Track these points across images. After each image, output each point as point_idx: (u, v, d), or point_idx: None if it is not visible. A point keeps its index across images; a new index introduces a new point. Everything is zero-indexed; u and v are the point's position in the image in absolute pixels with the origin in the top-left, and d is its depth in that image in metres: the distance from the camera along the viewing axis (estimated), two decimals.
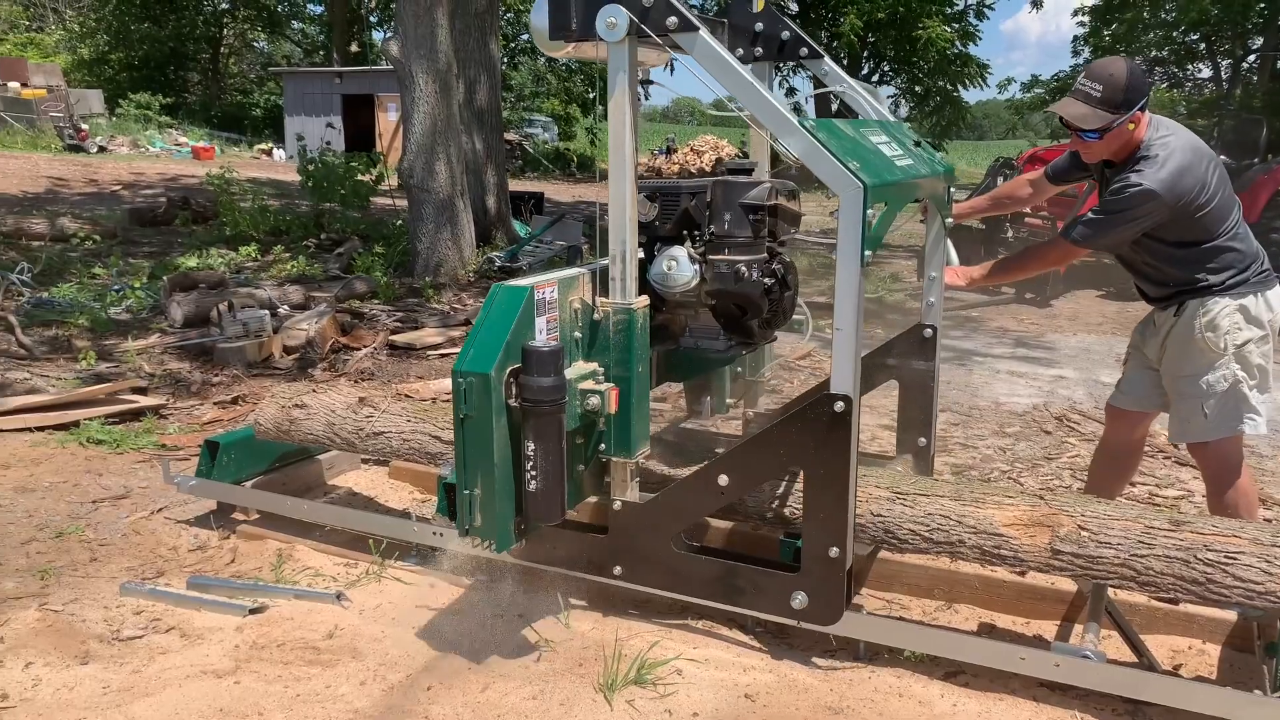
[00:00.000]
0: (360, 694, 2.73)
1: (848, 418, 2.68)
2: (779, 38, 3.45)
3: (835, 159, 2.57)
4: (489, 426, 2.64)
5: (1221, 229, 3.12)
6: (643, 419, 3.01)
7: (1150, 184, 2.99)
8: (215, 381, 6.01)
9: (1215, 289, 3.14)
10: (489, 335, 2.70)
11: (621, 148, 2.79)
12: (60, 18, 37.35)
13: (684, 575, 3.00)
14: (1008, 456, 5.06)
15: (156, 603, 3.26)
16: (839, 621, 2.84)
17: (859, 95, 3.46)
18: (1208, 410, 3.20)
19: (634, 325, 2.90)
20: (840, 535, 2.76)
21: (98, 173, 18.77)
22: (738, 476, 2.89)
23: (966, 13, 24.63)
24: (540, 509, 2.75)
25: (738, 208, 3.01)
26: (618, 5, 2.69)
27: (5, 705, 2.64)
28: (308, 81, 28.18)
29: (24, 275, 8.30)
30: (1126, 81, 3.04)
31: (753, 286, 3.01)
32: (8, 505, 4.02)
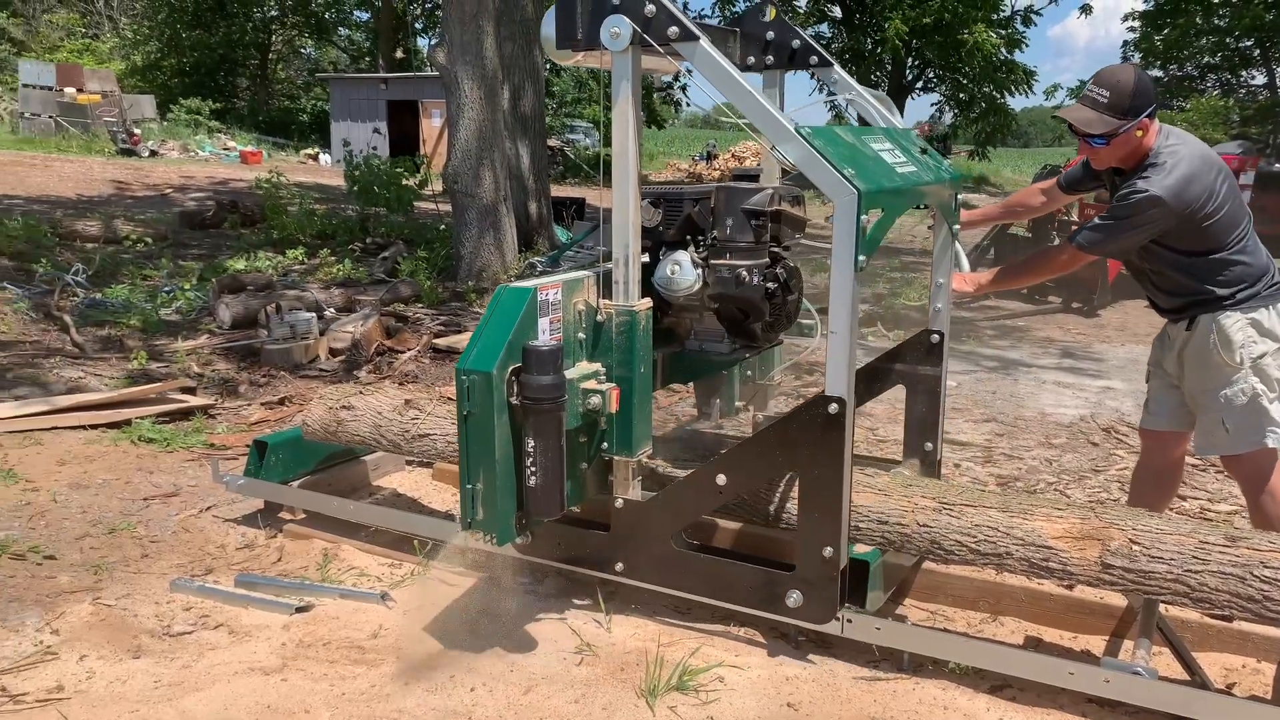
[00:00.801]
0: (405, 694, 2.76)
1: (842, 419, 2.73)
2: (789, 46, 3.51)
3: (830, 165, 2.62)
4: (491, 423, 2.71)
5: (1231, 239, 3.11)
6: (644, 419, 3.05)
7: (1157, 190, 3.00)
8: (262, 382, 6.10)
9: (1226, 303, 3.14)
10: (492, 335, 2.77)
11: (625, 154, 2.86)
12: (115, 25, 38.19)
13: (683, 572, 3.06)
14: (1054, 468, 4.99)
15: (205, 599, 3.32)
16: (832, 621, 2.88)
17: (869, 103, 3.51)
18: (1229, 424, 3.19)
19: (636, 327, 2.95)
20: (835, 535, 2.80)
21: (149, 176, 19.15)
22: (735, 476, 2.94)
23: (1013, 18, 24.39)
24: (540, 504, 2.82)
25: (739, 213, 3.06)
26: (621, 15, 2.76)
27: (61, 696, 2.70)
28: (354, 87, 28.54)
29: (79, 276, 8.48)
30: (1133, 88, 3.05)
31: (754, 290, 3.06)
32: (63, 501, 4.11)
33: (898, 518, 2.97)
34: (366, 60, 38.62)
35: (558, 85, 34.02)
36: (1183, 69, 28.26)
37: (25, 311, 7.28)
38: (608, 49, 2.80)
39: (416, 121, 26.47)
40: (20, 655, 2.90)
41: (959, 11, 22.15)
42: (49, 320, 7.18)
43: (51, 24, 37.25)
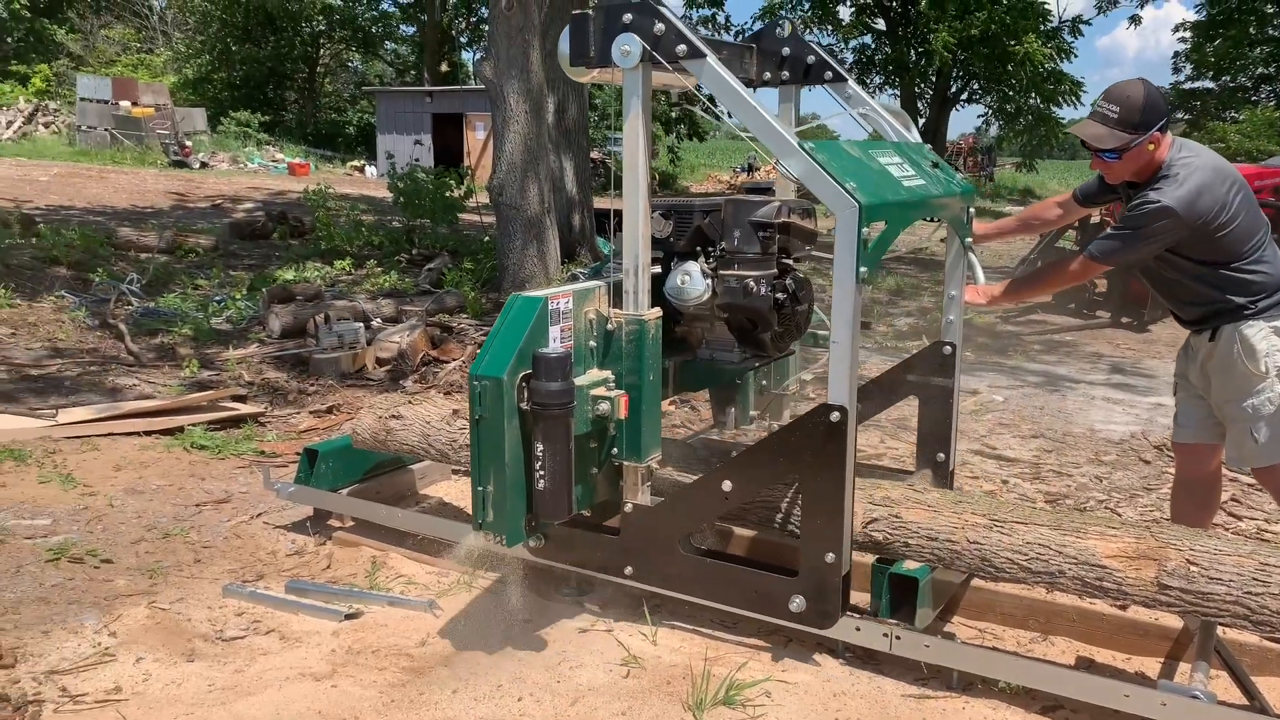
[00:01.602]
0: (452, 702, 2.78)
1: (844, 427, 2.77)
2: (805, 61, 3.59)
3: (832, 179, 2.67)
4: (501, 428, 2.78)
5: (1247, 249, 3.14)
6: (653, 425, 3.10)
7: (1168, 201, 3.03)
8: (311, 391, 6.19)
9: (1247, 312, 3.16)
10: (503, 342, 2.84)
11: (635, 166, 2.93)
12: (169, 40, 39.05)
13: (691, 576, 3.10)
14: (1104, 486, 4.91)
15: (257, 605, 3.37)
16: (834, 625, 2.91)
17: (883, 118, 3.56)
18: (1258, 435, 3.20)
19: (645, 335, 3.01)
20: (837, 541, 2.84)
21: (200, 187, 19.54)
22: (740, 483, 3.00)
23: (1061, 29, 24.14)
24: (548, 507, 2.87)
25: (747, 225, 3.13)
26: (631, 34, 2.84)
27: (119, 697, 2.75)
28: (399, 100, 28.92)
29: (133, 285, 8.67)
30: (1143, 103, 3.10)
31: (761, 301, 3.11)
32: (119, 506, 4.20)
33: (947, 534, 2.94)
34: (412, 74, 39.13)
35: (600, 98, 34.21)
36: (1235, 80, 27.78)
37: (83, 320, 7.46)
38: (619, 66, 2.88)
39: (460, 134, 26.75)
40: (79, 656, 2.96)
41: (1006, 23, 21.95)
42: (105, 328, 7.35)
43: (108, 39, 38.20)
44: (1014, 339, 8.83)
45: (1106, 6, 25.05)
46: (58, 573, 3.53)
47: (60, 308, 7.72)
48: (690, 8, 27.67)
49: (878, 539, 3.03)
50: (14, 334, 6.89)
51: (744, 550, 3.56)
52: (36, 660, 2.93)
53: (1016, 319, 9.90)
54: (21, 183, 17.17)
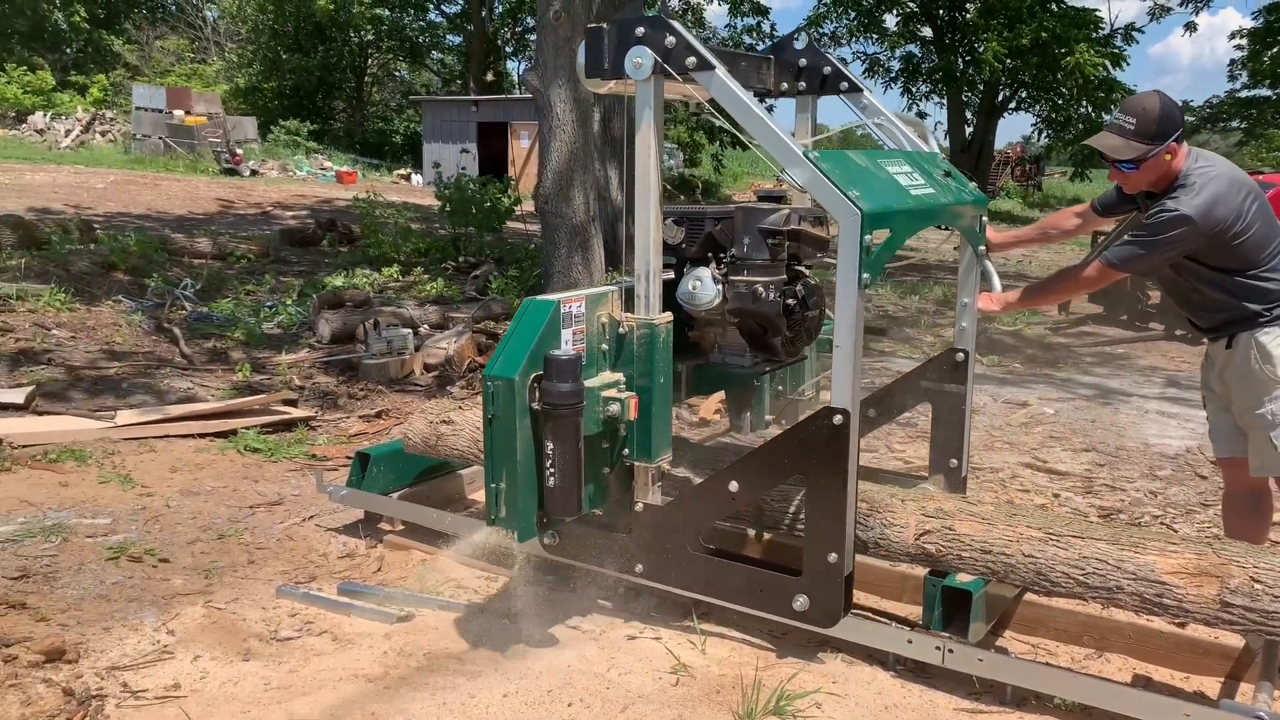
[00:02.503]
0: (503, 705, 2.80)
1: (846, 430, 2.83)
2: (821, 72, 3.69)
3: (835, 187, 2.74)
4: (513, 427, 2.87)
5: (1263, 258, 3.18)
6: (663, 426, 3.18)
7: (1185, 210, 3.08)
8: (360, 396, 6.27)
9: (1262, 319, 3.19)
10: (516, 344, 2.94)
11: (647, 176, 3.02)
12: (221, 50, 39.82)
13: (699, 574, 3.16)
14: (1159, 501, 4.82)
15: (309, 606, 3.42)
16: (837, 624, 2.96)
17: (897, 127, 3.64)
18: (1277, 441, 3.20)
19: (656, 339, 3.09)
20: (839, 542, 2.89)
21: (250, 195, 19.88)
22: (747, 484, 3.06)
23: (1114, 36, 23.81)
24: (558, 504, 2.96)
25: (756, 232, 3.21)
26: (643, 47, 2.94)
27: (178, 694, 2.81)
28: (445, 109, 29.21)
29: (187, 291, 8.84)
30: (1159, 114, 3.15)
31: (770, 306, 3.19)
32: (175, 507, 4.28)
33: (1001, 547, 2.91)
34: (458, 83, 39.51)
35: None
36: None
37: (139, 324, 7.61)
38: (632, 78, 2.98)
39: (505, 142, 26.95)
40: (139, 653, 3.03)
41: (1057, 32, 21.69)
42: (160, 333, 7.49)
43: (163, 49, 39.03)
44: (1065, 351, 8.71)
45: (1159, 14, 24.64)
46: (118, 571, 3.61)
47: (118, 312, 7.88)
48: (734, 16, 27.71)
49: (931, 551, 3.00)
50: (74, 337, 7.05)
51: (755, 551, 3.59)
52: (98, 656, 3.00)
53: (1068, 330, 9.77)
54: (80, 190, 17.59)
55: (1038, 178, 34.08)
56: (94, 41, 35.66)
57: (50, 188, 17.47)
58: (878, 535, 3.09)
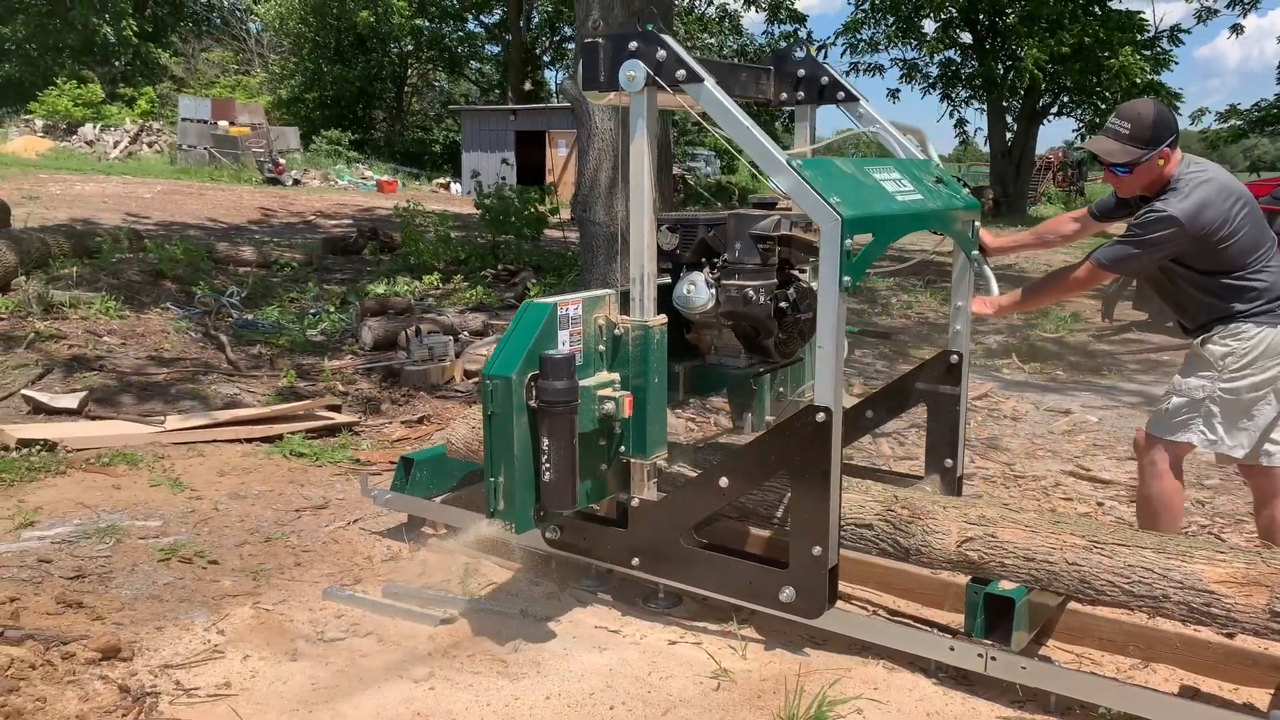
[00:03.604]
0: (546, 708, 2.83)
1: (829, 428, 2.91)
2: (819, 82, 3.81)
3: (816, 194, 2.84)
4: (510, 423, 2.98)
5: (1249, 262, 3.29)
6: (658, 424, 3.30)
7: (1173, 211, 3.20)
8: (402, 401, 6.35)
9: (1240, 315, 3.33)
10: (514, 344, 3.06)
11: (641, 184, 3.13)
12: (264, 61, 40.51)
13: (692, 568, 3.25)
14: (1206, 510, 4.76)
15: (355, 608, 3.47)
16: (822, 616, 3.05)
17: (891, 135, 3.74)
18: (1169, 405, 3.44)
19: (650, 340, 3.21)
20: (823, 535, 2.97)
21: (293, 204, 20.20)
22: (736, 479, 3.16)
23: (1159, 39, 23.48)
24: (553, 497, 3.07)
25: (748, 237, 3.32)
26: (636, 60, 3.05)
27: (229, 692, 2.87)
28: (484, 119, 29.51)
29: (233, 298, 9.00)
30: (1153, 120, 3.28)
31: (761, 309, 3.30)
32: (224, 510, 4.37)
33: (1045, 554, 2.90)
34: (496, 92, 39.89)
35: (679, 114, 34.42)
36: None
37: (186, 330, 7.77)
38: (625, 90, 3.08)
39: (543, 151, 27.15)
40: (191, 652, 3.10)
41: (1100, 36, 21.43)
42: (207, 339, 7.65)
43: (209, 61, 39.79)
44: (1109, 358, 8.60)
45: (1206, 16, 24.24)
46: (169, 572, 3.69)
47: (166, 319, 8.05)
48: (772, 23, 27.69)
49: (973, 558, 3.00)
50: (124, 344, 7.21)
51: (749, 545, 3.63)
52: (152, 655, 3.07)
53: (1111, 337, 9.64)
54: (128, 199, 17.98)
55: (1080, 183, 33.66)
56: (142, 55, 36.42)
57: (100, 198, 17.88)
58: (919, 542, 3.09)
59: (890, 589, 3.54)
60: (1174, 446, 3.46)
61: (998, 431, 6.02)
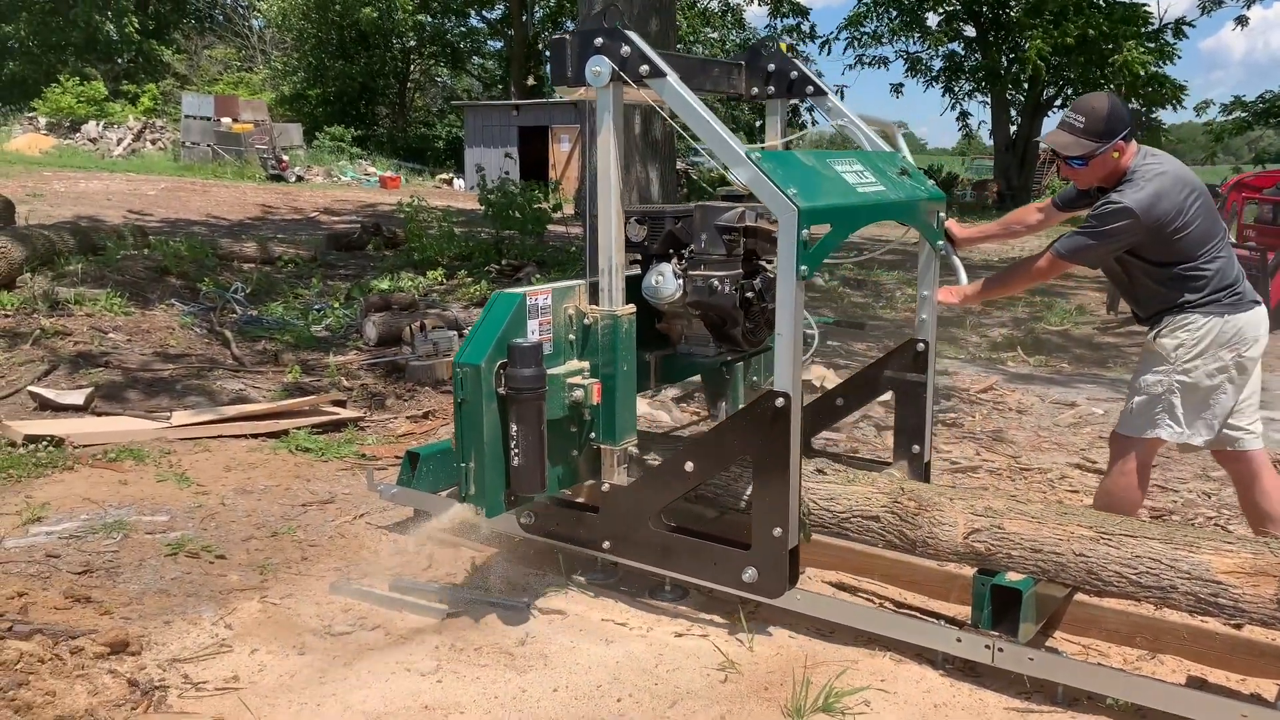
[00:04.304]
0: (553, 700, 2.83)
1: (788, 413, 2.97)
2: (789, 77, 3.90)
3: (774, 185, 2.90)
4: (480, 410, 3.05)
5: (1200, 253, 3.35)
6: (627, 411, 3.37)
7: (1128, 202, 3.27)
8: (407, 397, 6.35)
9: (1189, 305, 3.39)
10: (484, 333, 3.12)
11: (608, 176, 3.20)
12: (267, 58, 40.51)
13: (660, 550, 3.32)
14: (1213, 502, 4.75)
15: (362, 602, 3.48)
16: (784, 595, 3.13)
17: (859, 128, 3.86)
18: (1134, 405, 3.50)
19: (619, 329, 3.28)
20: (783, 517, 3.04)
21: (296, 200, 20.20)
22: (701, 463, 3.22)
23: (1163, 31, 23.39)
24: (523, 482, 3.14)
25: (713, 229, 3.39)
26: (601, 56, 3.12)
27: (237, 686, 2.88)
28: (487, 114, 29.47)
29: (238, 294, 9.01)
30: (1107, 113, 3.35)
31: (726, 299, 3.37)
32: (230, 505, 4.38)
33: (1052, 546, 2.90)
34: (499, 88, 39.83)
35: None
36: None
37: (191, 327, 7.78)
38: (591, 85, 3.16)
39: (546, 146, 27.12)
40: (199, 646, 3.11)
41: (1105, 29, 21.35)
42: (212, 335, 7.65)
43: (211, 58, 39.80)
44: (1114, 350, 8.59)
45: (1211, 7, 24.17)
46: (176, 567, 3.70)
47: (171, 315, 8.06)
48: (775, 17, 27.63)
49: (980, 550, 3.00)
50: (129, 340, 7.22)
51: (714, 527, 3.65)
52: (160, 649, 3.08)
53: (1116, 330, 9.63)
54: (132, 196, 18.00)
55: None
56: (144, 52, 36.46)
57: (104, 195, 17.90)
58: (926, 534, 3.09)
59: (896, 581, 3.55)
60: (1144, 444, 3.51)
61: (1003, 424, 6.01)
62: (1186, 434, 3.45)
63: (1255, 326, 3.43)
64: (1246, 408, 3.54)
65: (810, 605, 3.19)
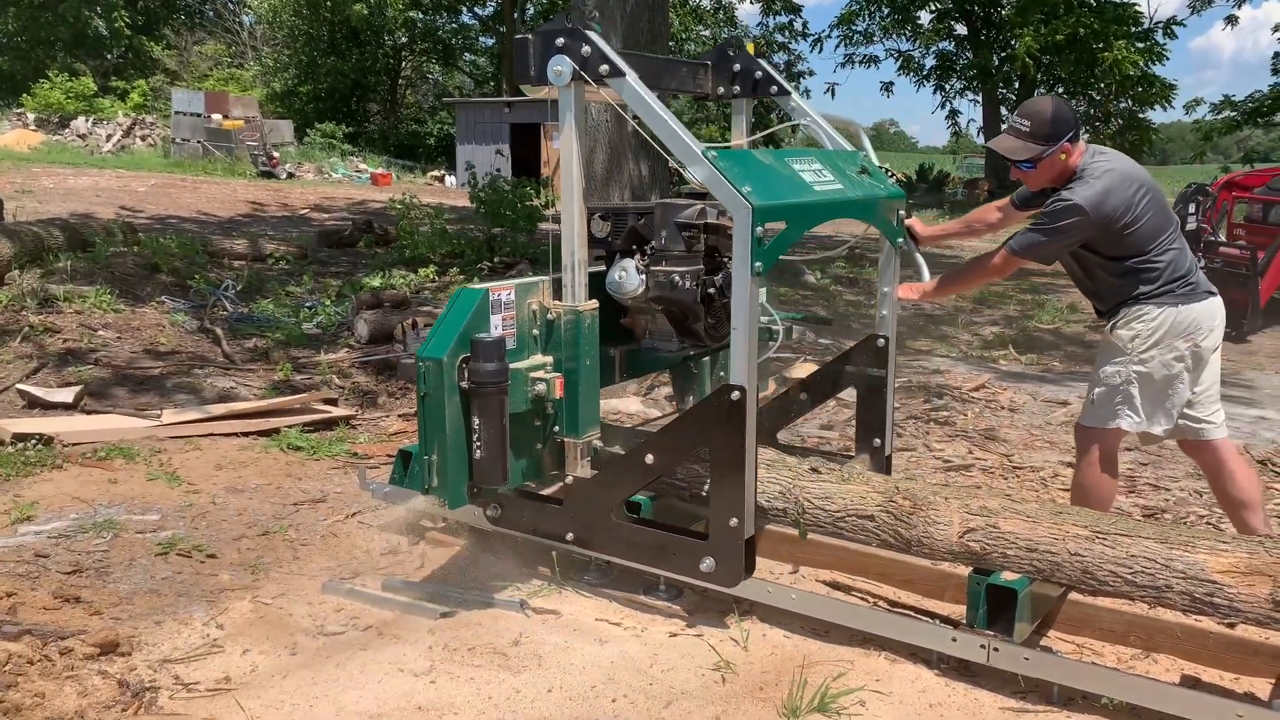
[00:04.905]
0: (547, 701, 2.82)
1: (744, 406, 3.02)
2: (753, 76, 3.97)
3: (729, 183, 2.96)
4: (443, 404, 3.09)
5: (1151, 247, 3.42)
6: (590, 405, 3.42)
7: (1078, 200, 3.33)
8: (399, 394, 6.32)
9: (1143, 297, 3.45)
10: (446, 328, 3.16)
11: (570, 174, 3.26)
12: (258, 54, 40.35)
13: (622, 541, 3.36)
14: (1205, 500, 4.75)
15: (354, 602, 3.46)
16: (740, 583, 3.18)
17: (820, 127, 3.94)
18: (1095, 396, 3.56)
19: (581, 325, 3.33)
20: (739, 508, 3.09)
21: (287, 197, 20.13)
22: (661, 455, 3.26)
23: (1154, 31, 23.46)
24: (485, 474, 3.19)
25: (673, 225, 3.44)
26: (563, 55, 3.17)
27: (229, 686, 2.86)
28: (478, 111, 29.40)
29: (228, 292, 8.96)
30: (1051, 116, 3.41)
31: (687, 294, 3.42)
32: (221, 504, 4.35)
33: (1048, 545, 2.90)
34: (490, 85, 39.75)
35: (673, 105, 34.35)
36: None
37: (182, 324, 7.73)
38: (553, 84, 3.20)
39: (538, 143, 27.06)
40: (190, 647, 3.08)
41: (1095, 27, 21.41)
42: (202, 333, 7.61)
43: (201, 54, 39.62)
44: None
45: (1201, 7, 24.24)
46: (167, 566, 3.68)
47: (161, 313, 8.01)
48: (768, 15, 27.63)
49: (975, 549, 2.99)
50: (119, 337, 7.18)
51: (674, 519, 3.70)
52: (150, 649, 3.05)
53: None
54: (122, 193, 17.91)
55: None
56: (134, 47, 36.30)
57: (93, 191, 17.81)
58: (921, 533, 3.09)
59: (891, 580, 3.54)
60: (1106, 435, 3.56)
61: (995, 423, 6.02)
62: (1146, 423, 3.51)
63: (1210, 316, 3.49)
64: (1206, 398, 3.60)
65: (805, 604, 3.20)
